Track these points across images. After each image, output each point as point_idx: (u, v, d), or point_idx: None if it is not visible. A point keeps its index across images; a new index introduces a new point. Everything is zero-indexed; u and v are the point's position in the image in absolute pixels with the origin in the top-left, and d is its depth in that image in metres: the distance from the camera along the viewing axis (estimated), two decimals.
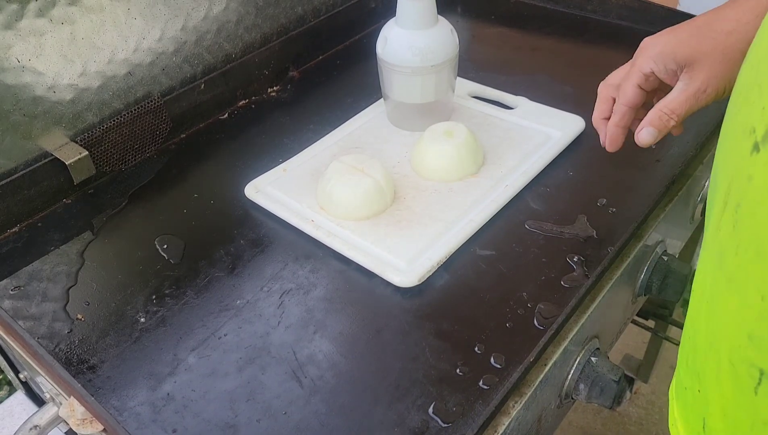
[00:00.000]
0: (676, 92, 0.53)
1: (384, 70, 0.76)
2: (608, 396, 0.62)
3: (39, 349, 0.58)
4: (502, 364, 0.53)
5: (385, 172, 0.68)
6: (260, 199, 0.71)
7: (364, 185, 0.66)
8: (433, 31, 0.72)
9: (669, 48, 0.51)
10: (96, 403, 0.53)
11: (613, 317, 0.71)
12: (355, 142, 0.78)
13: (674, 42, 0.51)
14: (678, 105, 0.52)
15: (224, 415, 0.51)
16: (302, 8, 0.93)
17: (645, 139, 0.55)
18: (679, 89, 0.53)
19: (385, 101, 0.80)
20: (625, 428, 1.38)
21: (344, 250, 0.64)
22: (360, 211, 0.66)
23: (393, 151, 0.76)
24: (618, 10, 0.97)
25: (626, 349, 1.42)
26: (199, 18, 0.81)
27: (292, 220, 0.68)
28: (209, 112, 0.85)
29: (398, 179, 0.72)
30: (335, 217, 0.67)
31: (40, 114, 0.70)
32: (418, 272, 0.60)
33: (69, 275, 0.65)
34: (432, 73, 0.73)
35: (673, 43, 0.51)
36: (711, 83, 0.51)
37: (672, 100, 0.53)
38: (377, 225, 0.66)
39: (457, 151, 0.70)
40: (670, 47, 0.51)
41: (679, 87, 0.53)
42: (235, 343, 0.57)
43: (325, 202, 0.68)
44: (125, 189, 0.75)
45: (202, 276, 0.63)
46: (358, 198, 0.66)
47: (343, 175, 0.67)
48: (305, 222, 0.67)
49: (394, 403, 0.51)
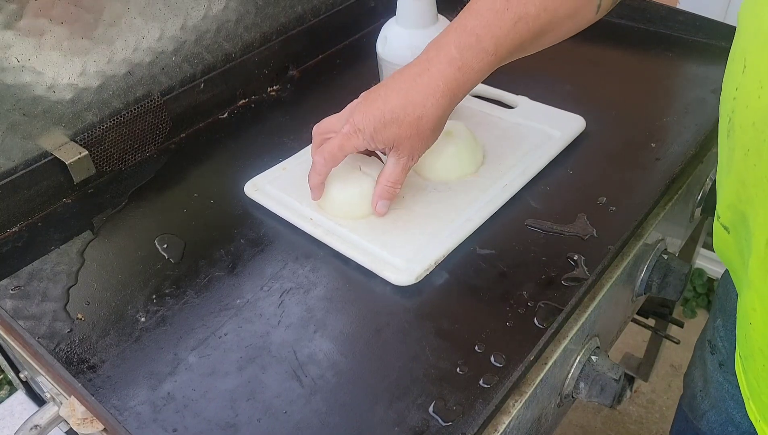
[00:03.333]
0: (391, 166, 0.63)
1: (384, 68, 0.76)
2: (608, 395, 0.62)
3: (39, 348, 0.58)
4: (503, 363, 0.53)
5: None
6: (259, 197, 0.71)
7: (361, 184, 0.66)
8: (434, 30, 0.72)
9: (377, 133, 0.60)
10: (96, 403, 0.53)
11: (613, 316, 0.71)
12: None
13: (380, 127, 0.60)
14: (397, 177, 0.64)
15: (225, 415, 0.51)
16: (302, 7, 0.93)
17: (383, 211, 0.66)
18: (393, 163, 0.63)
19: None
20: (625, 427, 1.38)
21: (342, 248, 0.64)
22: (357, 209, 0.66)
23: None
24: (617, 9, 0.96)
25: (626, 347, 1.42)
26: (199, 17, 0.81)
27: (291, 218, 0.68)
28: (209, 112, 0.85)
29: None
30: (333, 216, 0.67)
31: (39, 114, 0.70)
32: (415, 271, 0.60)
33: (69, 275, 0.65)
34: None
35: (380, 128, 0.60)
36: (414, 155, 0.63)
37: (391, 174, 0.64)
38: (375, 223, 0.66)
39: (457, 150, 0.70)
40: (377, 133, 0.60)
41: (391, 162, 0.63)
42: (235, 342, 0.57)
43: (322, 201, 0.68)
44: (125, 188, 0.75)
45: (202, 275, 0.63)
46: (355, 197, 0.66)
47: (340, 174, 0.67)
48: (304, 220, 0.67)
49: (394, 402, 0.51)
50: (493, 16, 0.58)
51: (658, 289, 0.73)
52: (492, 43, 0.59)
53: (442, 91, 0.59)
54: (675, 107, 0.79)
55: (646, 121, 0.77)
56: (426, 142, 0.63)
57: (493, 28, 0.58)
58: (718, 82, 0.73)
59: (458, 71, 0.59)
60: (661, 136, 0.75)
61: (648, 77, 0.86)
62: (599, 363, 0.63)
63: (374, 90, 0.62)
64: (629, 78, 0.86)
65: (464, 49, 0.59)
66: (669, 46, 0.90)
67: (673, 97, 0.82)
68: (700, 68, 0.87)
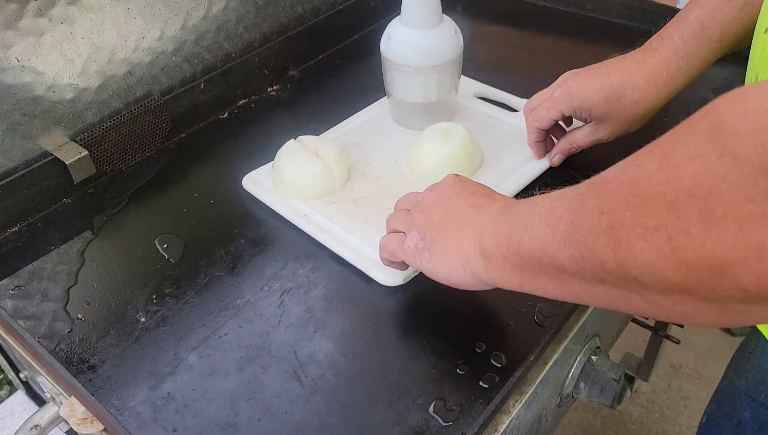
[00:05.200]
0: (585, 133, 0.65)
1: (387, 68, 0.75)
2: (609, 395, 0.62)
3: (39, 348, 0.58)
4: (503, 363, 0.53)
5: (339, 157, 0.70)
6: (256, 190, 0.71)
7: (313, 166, 0.68)
8: (438, 30, 0.72)
9: (588, 104, 0.62)
10: (96, 403, 0.53)
11: (613, 316, 0.71)
12: (356, 137, 0.78)
13: (593, 100, 0.61)
14: (583, 142, 0.66)
15: (225, 415, 0.51)
16: (302, 7, 0.93)
17: (557, 162, 0.70)
18: (587, 132, 0.65)
19: (389, 99, 0.80)
20: (626, 427, 1.38)
21: (334, 246, 0.64)
22: (305, 190, 0.69)
23: (392, 149, 0.76)
24: (617, 9, 0.97)
25: (626, 347, 1.42)
26: (199, 17, 0.81)
27: (287, 213, 0.68)
28: (209, 112, 0.85)
29: (394, 176, 0.72)
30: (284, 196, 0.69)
31: (39, 114, 0.70)
32: (403, 272, 0.60)
33: (69, 275, 0.65)
34: (434, 72, 0.73)
35: (593, 101, 0.61)
36: (613, 134, 0.64)
37: (580, 139, 0.66)
38: (368, 222, 0.66)
39: (454, 152, 0.69)
40: (589, 104, 0.62)
41: (586, 130, 0.65)
42: (235, 342, 0.57)
43: (276, 179, 0.70)
44: (125, 188, 0.75)
45: (202, 275, 0.63)
46: (305, 177, 0.68)
47: (296, 156, 0.69)
48: (298, 216, 0.67)
49: (394, 402, 0.51)
50: (718, 2, 0.58)
51: None
52: (717, 30, 0.58)
53: (665, 79, 0.60)
54: (675, 107, 0.79)
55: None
56: (630, 127, 0.63)
57: (718, 15, 0.58)
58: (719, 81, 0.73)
59: (682, 60, 0.60)
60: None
61: None
62: (599, 363, 0.63)
63: (594, 65, 0.63)
64: None
65: (688, 38, 0.59)
66: None
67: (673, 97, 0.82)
68: None
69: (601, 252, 0.33)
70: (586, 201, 0.34)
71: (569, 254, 0.35)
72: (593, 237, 0.33)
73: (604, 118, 0.62)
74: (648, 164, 0.31)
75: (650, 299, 0.33)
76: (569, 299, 0.40)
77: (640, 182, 0.31)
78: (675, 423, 1.37)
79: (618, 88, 0.60)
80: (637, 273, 0.31)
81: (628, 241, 0.31)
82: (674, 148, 0.30)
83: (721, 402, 0.66)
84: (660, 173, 0.30)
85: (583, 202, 0.35)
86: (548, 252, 0.37)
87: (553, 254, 0.37)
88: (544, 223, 0.38)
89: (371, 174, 0.72)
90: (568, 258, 0.36)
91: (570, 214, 0.36)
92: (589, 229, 0.34)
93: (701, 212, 0.28)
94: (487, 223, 0.47)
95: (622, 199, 0.32)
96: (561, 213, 0.36)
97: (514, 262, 0.43)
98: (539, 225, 0.38)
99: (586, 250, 0.34)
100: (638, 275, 0.31)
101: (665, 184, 0.29)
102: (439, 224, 0.51)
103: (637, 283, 0.32)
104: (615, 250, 0.32)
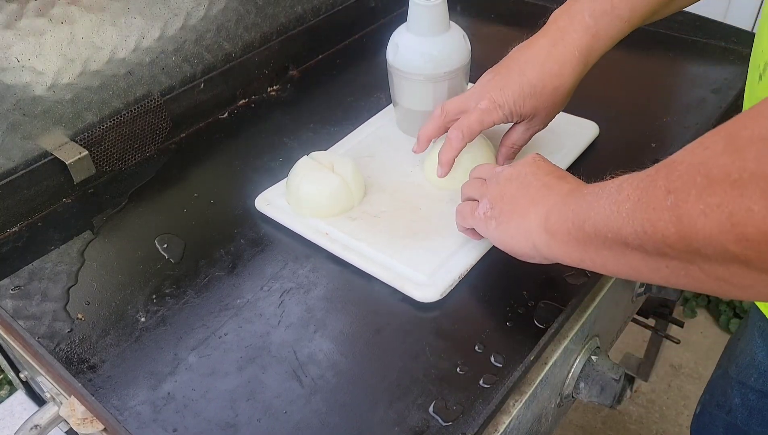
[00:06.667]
0: (520, 132, 0.66)
1: (395, 77, 0.74)
2: (609, 395, 0.62)
3: (39, 348, 0.58)
4: (503, 363, 0.53)
5: (356, 171, 0.68)
6: (271, 211, 0.69)
7: (331, 183, 0.66)
8: (446, 36, 0.71)
9: (516, 108, 0.62)
10: (96, 403, 0.53)
11: (613, 316, 0.71)
12: (366, 150, 0.76)
13: (519, 102, 0.61)
14: (523, 140, 0.66)
15: (225, 415, 0.51)
16: (302, 7, 0.93)
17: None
18: (522, 130, 0.65)
19: (395, 108, 0.78)
20: (626, 427, 1.38)
21: (362, 264, 0.62)
22: (327, 208, 0.66)
23: (405, 160, 0.73)
24: None
25: (626, 347, 1.42)
26: (199, 17, 0.81)
27: (307, 233, 0.66)
28: (209, 112, 0.85)
29: (412, 188, 0.70)
30: (302, 216, 0.66)
31: (39, 114, 0.70)
32: (439, 286, 0.59)
33: (69, 275, 0.65)
34: (445, 80, 0.72)
35: (519, 103, 0.61)
36: (545, 122, 0.65)
37: (518, 138, 0.66)
38: (394, 237, 0.64)
39: (472, 160, 0.68)
40: (517, 108, 0.62)
41: (521, 129, 0.65)
42: (235, 342, 0.57)
43: (291, 199, 0.67)
44: (125, 188, 0.75)
45: (202, 275, 0.63)
46: (323, 195, 0.66)
47: (312, 174, 0.67)
48: (319, 235, 0.65)
49: (394, 402, 0.51)
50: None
51: (658, 289, 0.73)
52: (627, 9, 0.59)
53: (578, 59, 0.60)
54: (675, 107, 0.79)
55: (646, 121, 0.77)
56: (558, 109, 0.64)
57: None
58: (719, 82, 0.73)
59: (592, 38, 0.60)
60: (661, 136, 0.75)
61: (648, 77, 0.86)
62: (599, 363, 0.63)
63: (504, 65, 0.63)
64: (629, 78, 0.86)
65: (599, 16, 0.60)
66: (669, 46, 0.90)
67: (674, 97, 0.82)
68: (700, 68, 0.87)
69: (663, 228, 0.35)
70: (655, 181, 0.37)
71: (632, 229, 0.38)
72: (657, 214, 0.36)
73: (534, 114, 0.63)
74: (714, 147, 0.33)
75: (710, 271, 0.35)
76: (628, 275, 0.43)
77: (708, 163, 0.33)
78: (675, 423, 1.37)
79: (536, 83, 0.61)
80: (699, 245, 0.34)
81: (690, 217, 0.33)
82: (739, 132, 0.32)
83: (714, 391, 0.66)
84: (725, 155, 0.32)
85: (652, 182, 0.37)
86: (612, 227, 0.40)
87: (617, 229, 0.40)
88: (610, 201, 0.41)
89: (387, 187, 0.70)
90: (631, 233, 0.38)
91: (638, 193, 0.38)
92: (654, 207, 0.36)
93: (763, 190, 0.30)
94: (555, 203, 0.50)
95: (689, 179, 0.34)
96: (629, 192, 0.39)
97: (578, 236, 0.45)
98: (605, 203, 0.41)
99: (650, 226, 0.36)
100: (700, 247, 0.34)
101: (730, 165, 0.31)
102: (510, 198, 0.54)
103: (699, 255, 0.34)
104: (677, 226, 0.34)
